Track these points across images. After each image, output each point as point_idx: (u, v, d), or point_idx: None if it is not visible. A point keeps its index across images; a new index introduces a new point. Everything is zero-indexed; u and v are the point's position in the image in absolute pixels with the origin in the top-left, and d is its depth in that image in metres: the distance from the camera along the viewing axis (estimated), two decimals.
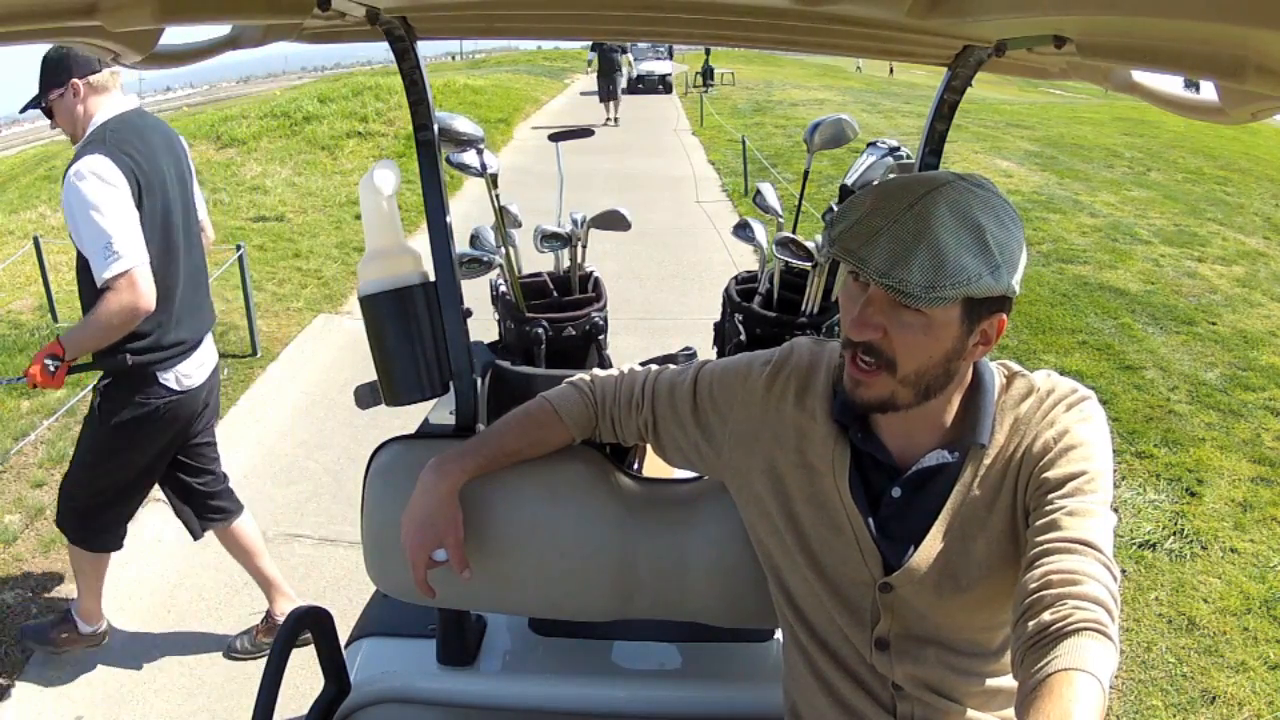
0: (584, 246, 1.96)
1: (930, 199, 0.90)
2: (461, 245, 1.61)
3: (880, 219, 0.90)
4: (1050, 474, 0.95)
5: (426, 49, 1.41)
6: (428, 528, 1.15)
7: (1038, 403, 1.02)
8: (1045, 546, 0.90)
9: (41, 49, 2.22)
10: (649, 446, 1.27)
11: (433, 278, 1.34)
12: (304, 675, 1.58)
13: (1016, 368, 1.07)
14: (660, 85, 21.21)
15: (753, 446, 1.12)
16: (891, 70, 28.05)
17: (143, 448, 2.39)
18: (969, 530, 1.01)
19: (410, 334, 1.32)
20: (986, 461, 1.01)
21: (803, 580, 1.10)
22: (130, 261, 2.10)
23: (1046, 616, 0.83)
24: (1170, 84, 1.07)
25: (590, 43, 15.31)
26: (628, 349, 4.34)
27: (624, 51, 15.64)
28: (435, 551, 1.16)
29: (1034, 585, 0.87)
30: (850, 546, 1.05)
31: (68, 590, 2.96)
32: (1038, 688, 0.79)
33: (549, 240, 1.94)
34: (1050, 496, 0.94)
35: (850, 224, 0.92)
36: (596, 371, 1.26)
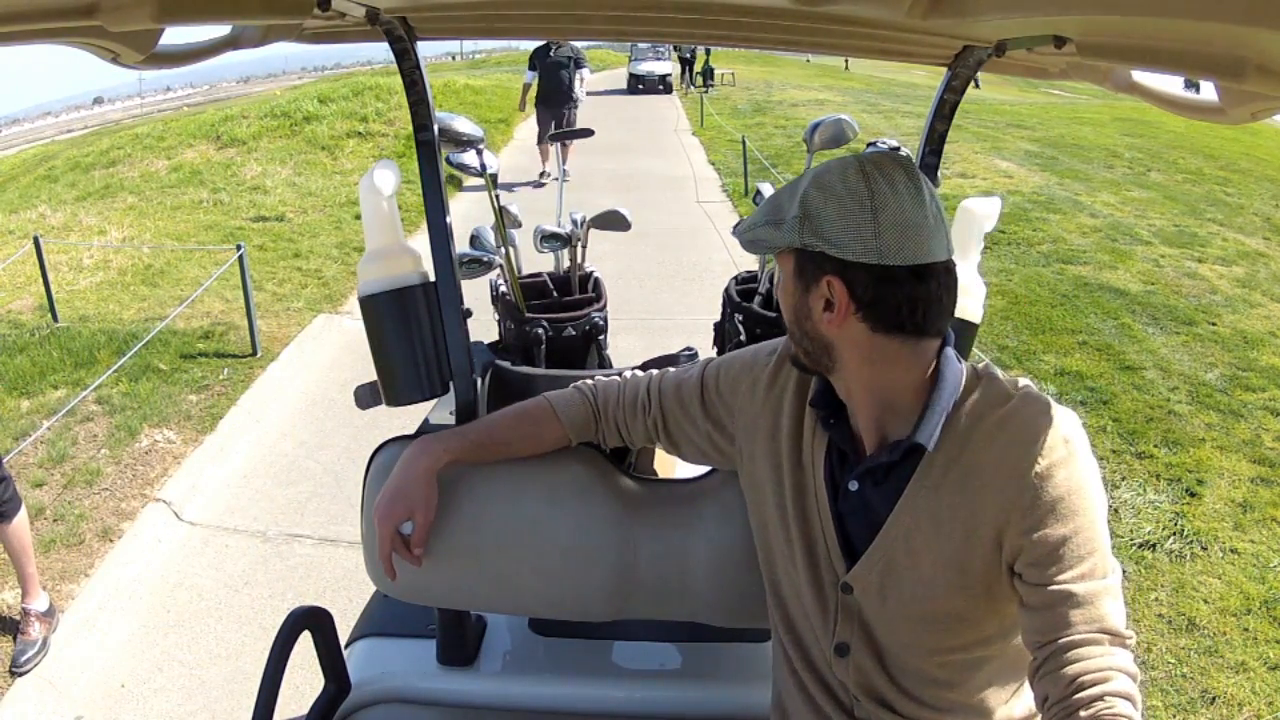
0: (584, 246, 1.96)
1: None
2: (461, 245, 1.61)
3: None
4: (1040, 534, 0.89)
5: (426, 49, 1.41)
6: (399, 500, 1.14)
7: (1010, 439, 0.93)
8: (1065, 639, 0.86)
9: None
10: (651, 447, 1.27)
11: (433, 278, 1.34)
12: (304, 675, 1.58)
13: (993, 371, 1.00)
14: (660, 85, 21.21)
15: (756, 435, 1.12)
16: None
17: None
18: (914, 543, 0.97)
19: (410, 334, 1.32)
20: (937, 472, 0.95)
21: (786, 574, 1.10)
22: None
23: (1083, 714, 0.82)
24: (1170, 84, 1.07)
25: (531, 57, 9.52)
26: (628, 349, 4.35)
27: (579, 66, 9.44)
28: (403, 525, 1.15)
29: (1065, 686, 0.84)
30: (819, 541, 1.05)
31: (67, 589, 2.97)
32: None
33: (549, 240, 1.94)
34: (1051, 573, 0.88)
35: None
36: (598, 376, 1.26)
